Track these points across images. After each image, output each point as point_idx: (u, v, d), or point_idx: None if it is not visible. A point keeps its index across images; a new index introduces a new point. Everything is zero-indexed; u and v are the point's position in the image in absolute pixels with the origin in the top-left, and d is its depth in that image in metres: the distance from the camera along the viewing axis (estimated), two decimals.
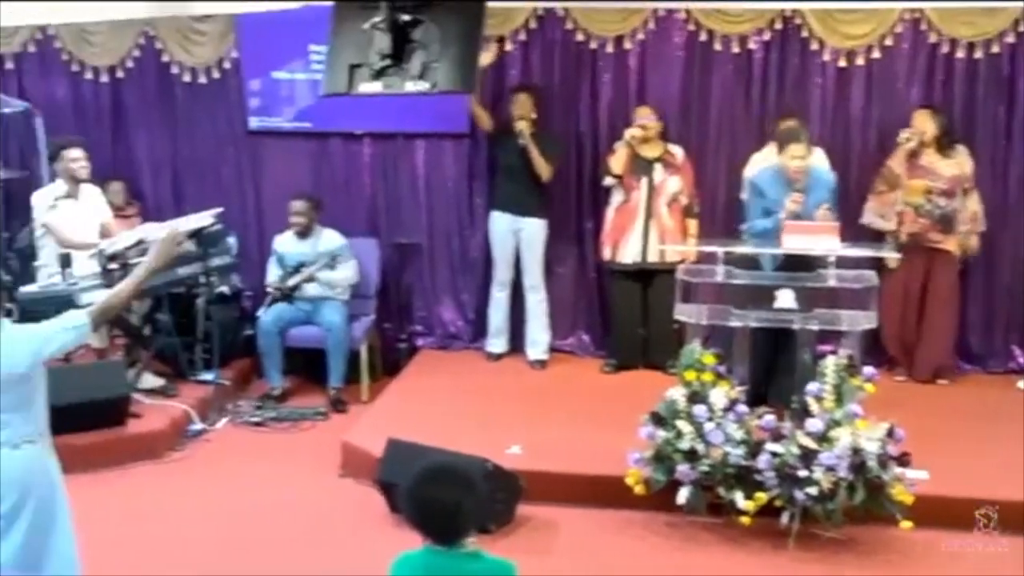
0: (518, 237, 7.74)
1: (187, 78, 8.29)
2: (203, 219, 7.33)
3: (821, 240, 5.92)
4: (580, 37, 7.74)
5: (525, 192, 7.64)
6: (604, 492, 5.75)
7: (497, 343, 7.97)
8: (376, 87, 5.90)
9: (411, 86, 5.83)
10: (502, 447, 6.04)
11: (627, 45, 7.70)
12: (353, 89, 5.96)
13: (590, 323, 8.10)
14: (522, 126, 7.49)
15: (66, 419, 5.62)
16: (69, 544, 4.21)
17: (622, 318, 7.64)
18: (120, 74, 8.37)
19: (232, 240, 8.08)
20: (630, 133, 7.32)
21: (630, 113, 7.61)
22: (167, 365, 7.59)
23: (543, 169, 7.56)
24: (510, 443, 6.15)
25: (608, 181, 7.45)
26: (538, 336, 7.85)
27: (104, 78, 8.38)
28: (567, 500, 5.82)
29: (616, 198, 7.48)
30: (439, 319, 8.28)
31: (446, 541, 3.23)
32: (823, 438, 5.35)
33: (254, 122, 8.25)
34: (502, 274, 7.85)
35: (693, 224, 7.48)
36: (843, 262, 5.88)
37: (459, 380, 7.53)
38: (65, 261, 6.68)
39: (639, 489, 5.58)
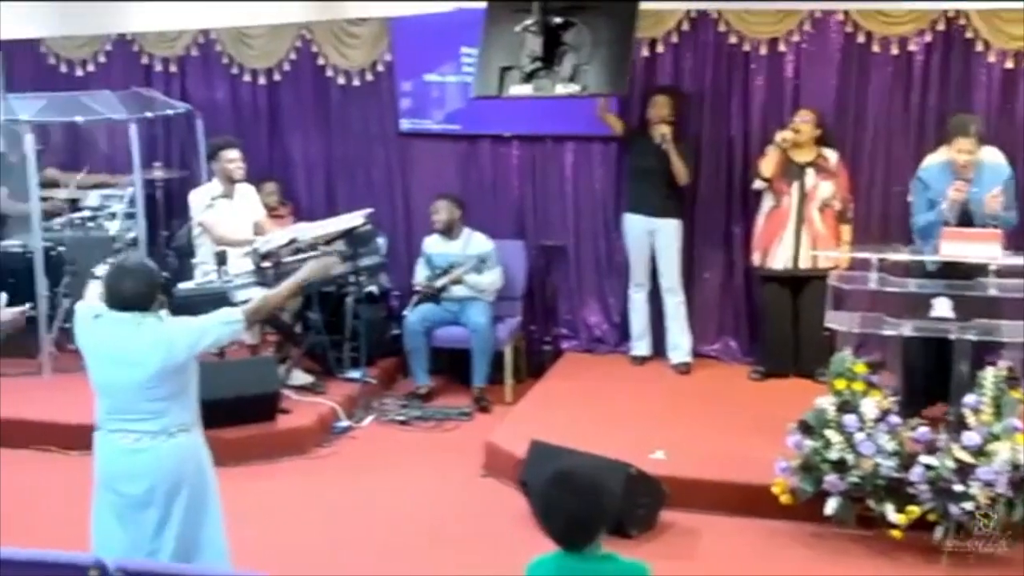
0: (653, 239, 7.69)
1: (341, 80, 8.45)
2: (354, 219, 7.46)
3: (981, 247, 5.72)
4: (733, 40, 7.64)
5: (660, 194, 7.59)
6: (749, 500, 5.67)
7: (640, 346, 7.93)
8: (526, 90, 5.93)
9: (561, 89, 5.84)
10: (646, 452, 6.00)
11: (781, 47, 7.57)
12: (503, 92, 5.99)
13: (737, 329, 7.98)
14: (664, 130, 7.45)
15: (219, 413, 5.83)
16: (220, 533, 4.33)
17: (771, 324, 7.51)
18: (277, 77, 8.58)
19: (381, 240, 8.20)
20: (781, 136, 7.19)
21: (783, 117, 7.49)
22: (316, 362, 7.74)
23: (682, 173, 7.51)
24: (654, 448, 6.10)
25: (758, 185, 7.33)
26: (679, 339, 7.78)
27: (261, 80, 8.60)
28: (710, 507, 5.75)
29: (767, 203, 7.36)
30: (584, 322, 8.26)
31: (571, 545, 3.22)
32: (980, 452, 5.17)
33: (405, 124, 8.36)
34: (638, 276, 7.82)
35: (846, 230, 7.30)
36: (1008, 271, 5.66)
37: (603, 383, 7.50)
38: (221, 259, 6.86)
39: (785, 499, 5.47)
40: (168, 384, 4.12)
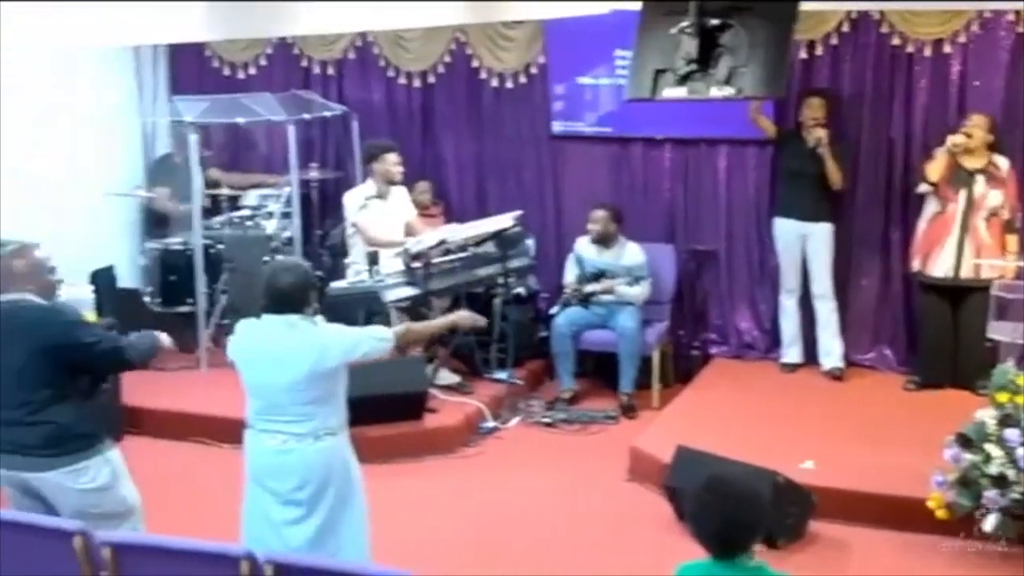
0: (804, 243, 7.56)
1: (494, 83, 8.51)
2: (503, 221, 7.49)
3: None
4: (896, 41, 7.45)
5: (812, 197, 7.48)
6: (902, 514, 5.53)
7: (791, 353, 7.81)
8: (680, 92, 5.86)
9: (716, 92, 5.75)
10: (794, 461, 5.91)
11: (947, 49, 7.36)
12: (657, 94, 5.94)
13: (893, 337, 7.78)
14: (820, 134, 7.32)
15: (367, 410, 5.95)
16: (362, 530, 4.41)
17: (929, 333, 7.30)
18: (431, 79, 8.69)
19: (530, 242, 8.21)
20: (952, 140, 6.96)
21: (947, 120, 7.28)
22: (463, 363, 7.82)
23: (836, 177, 7.37)
24: (803, 457, 6.01)
25: (923, 188, 7.12)
26: (830, 345, 7.63)
27: (416, 83, 8.72)
28: (861, 519, 5.63)
29: (930, 208, 7.15)
30: (734, 328, 8.18)
31: (725, 554, 3.18)
32: None
33: (557, 126, 8.39)
34: (789, 281, 7.70)
35: (1013, 240, 7.03)
36: None
37: (752, 390, 7.41)
38: (372, 259, 6.96)
39: (941, 513, 5.31)
40: (317, 388, 4.21)
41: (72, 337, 4.32)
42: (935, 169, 7.00)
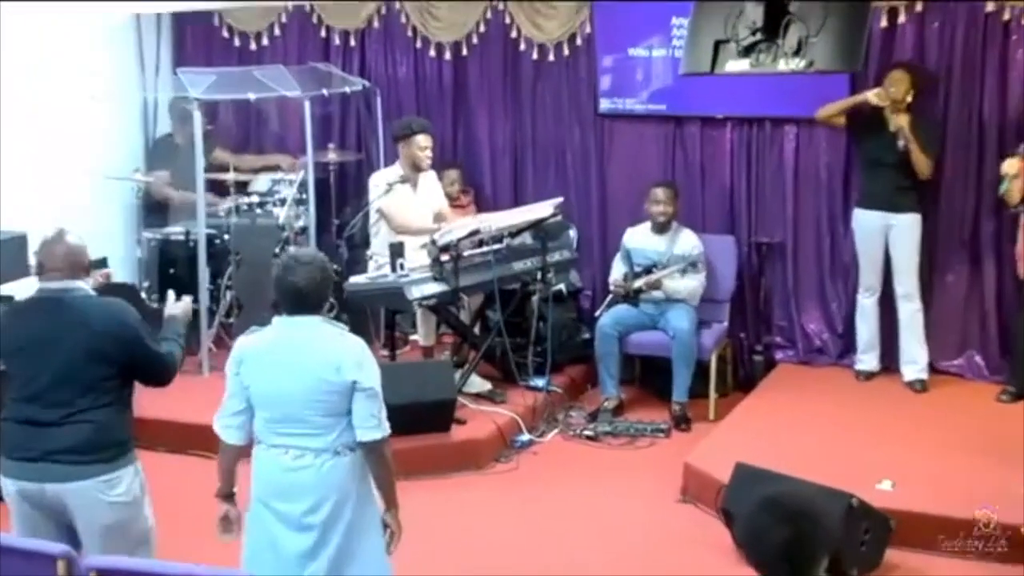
0: (887, 236, 7.47)
1: (535, 55, 8.47)
2: (543, 209, 7.47)
3: None
4: (990, 7, 7.32)
5: (896, 185, 7.38)
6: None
7: (867, 359, 7.73)
8: (743, 66, 5.81)
9: (784, 64, 5.70)
10: (870, 481, 5.84)
11: None
12: (717, 68, 5.89)
13: (984, 341, 7.68)
14: (902, 123, 7.21)
15: (388, 421, 5.85)
16: (380, 556, 4.35)
17: None
18: (464, 51, 8.66)
19: (572, 233, 8.22)
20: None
21: None
22: (496, 368, 7.77)
23: (924, 165, 7.29)
24: (880, 477, 5.95)
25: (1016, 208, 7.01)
26: (914, 353, 7.53)
27: (447, 55, 8.70)
28: (945, 548, 5.52)
29: None
30: (802, 330, 8.11)
31: None
32: None
33: (605, 103, 8.34)
34: (869, 279, 7.62)
35: None
36: None
37: (822, 401, 7.35)
38: (396, 251, 6.95)
39: None
40: (338, 400, 4.15)
41: (135, 336, 4.34)
42: (1017, 190, 6.88)
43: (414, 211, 7.55)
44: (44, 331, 4.31)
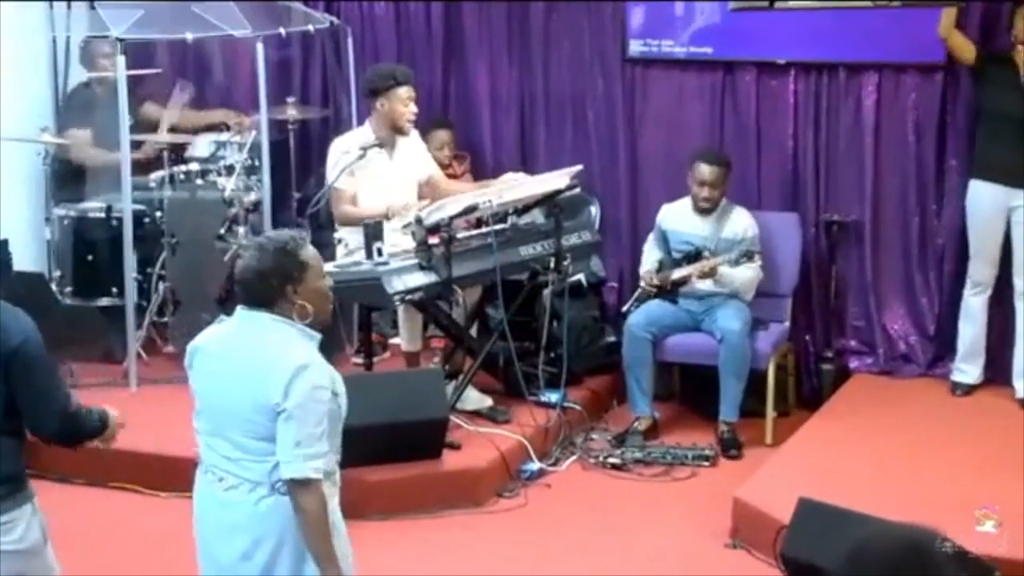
0: (1010, 218, 7.53)
1: None
2: (557, 180, 7.50)
3: None
4: None
5: None
6: None
7: (968, 369, 7.80)
8: None
9: None
10: (971, 522, 5.85)
11: None
12: (778, 1, 5.93)
13: None
14: None
15: (363, 446, 5.92)
16: None
17: None
18: None
19: (594, 210, 8.25)
20: None
21: None
22: (498, 380, 7.84)
23: None
24: (981, 517, 5.94)
25: None
26: None
27: None
28: None
29: None
30: (884, 332, 8.17)
31: None
32: None
33: (635, 46, 8.40)
34: (981, 271, 7.68)
35: None
36: None
37: (908, 420, 7.40)
38: (373, 233, 6.96)
39: None
40: (267, 425, 4.11)
41: (29, 357, 4.30)
42: None
43: (390, 187, 7.59)
44: None
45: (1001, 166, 7.48)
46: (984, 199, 7.57)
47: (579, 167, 7.62)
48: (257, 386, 4.09)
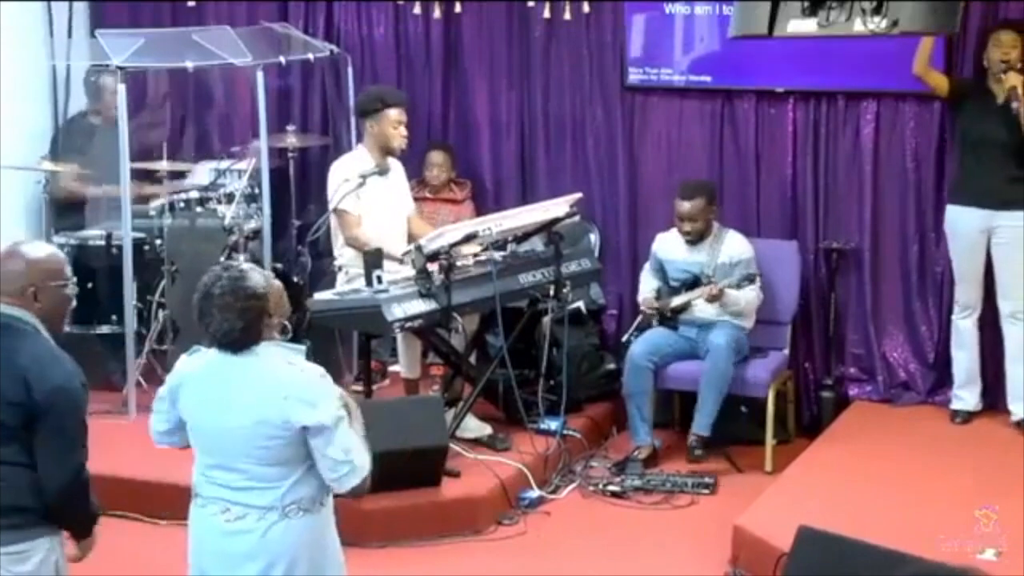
0: (990, 240, 7.55)
1: (546, 13, 8.55)
2: (557, 207, 7.51)
3: None
4: None
5: (1005, 176, 7.45)
6: None
7: (965, 396, 7.80)
8: (809, 27, 5.86)
9: (861, 25, 5.76)
10: (971, 550, 5.83)
11: None
12: (777, 29, 5.94)
13: None
14: (1015, 82, 7.27)
15: None
16: None
17: None
18: (457, 7, 8.75)
19: (594, 237, 8.27)
20: None
21: None
22: (497, 407, 7.85)
23: None
24: (981, 545, 5.92)
25: None
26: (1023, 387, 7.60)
27: (436, 13, 8.77)
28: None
29: None
30: (883, 359, 8.16)
31: None
32: None
33: (634, 74, 8.42)
34: (966, 293, 7.71)
35: None
36: None
37: (908, 448, 7.39)
38: (373, 261, 6.97)
39: None
40: (287, 447, 4.21)
41: (51, 405, 4.31)
42: None
43: (385, 212, 7.63)
44: None
45: (979, 189, 7.53)
46: (961, 223, 7.62)
47: (578, 195, 7.65)
48: (270, 411, 4.16)
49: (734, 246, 7.72)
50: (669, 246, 7.85)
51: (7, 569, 4.30)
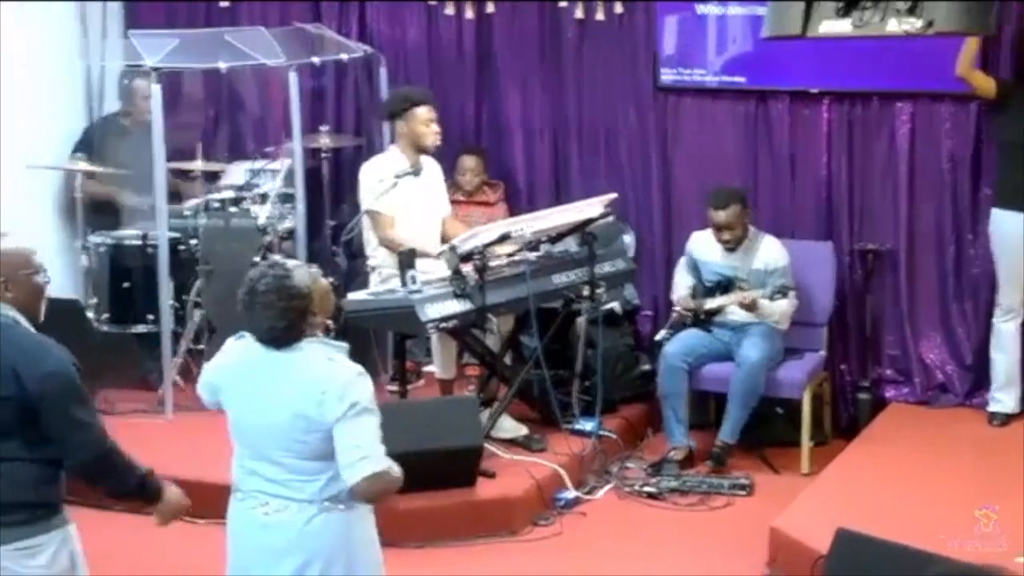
0: None
1: (578, 13, 8.56)
2: (591, 208, 7.50)
3: None
4: None
5: None
6: None
7: (1004, 399, 7.77)
8: (843, 27, 5.86)
9: (896, 25, 5.74)
10: (1007, 553, 5.78)
11: None
12: (811, 29, 5.94)
13: None
14: None
15: None
16: None
17: None
18: (490, 7, 8.75)
19: (628, 238, 8.25)
20: None
21: None
22: (532, 408, 7.84)
23: None
24: (1019, 548, 5.87)
25: None
26: None
27: (468, 13, 8.80)
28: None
29: None
30: (920, 361, 8.15)
31: None
32: None
33: (667, 75, 8.42)
34: (1010, 297, 7.67)
35: None
36: None
37: (946, 450, 7.37)
38: (407, 261, 6.97)
39: None
40: (326, 441, 4.21)
41: (47, 393, 4.33)
42: None
43: (419, 212, 7.64)
44: None
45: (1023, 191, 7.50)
46: (1007, 226, 7.59)
47: (612, 195, 7.64)
48: (308, 405, 4.18)
49: (770, 253, 7.70)
50: (704, 247, 7.83)
51: (18, 564, 4.30)
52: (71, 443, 4.39)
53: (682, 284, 7.87)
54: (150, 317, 8.16)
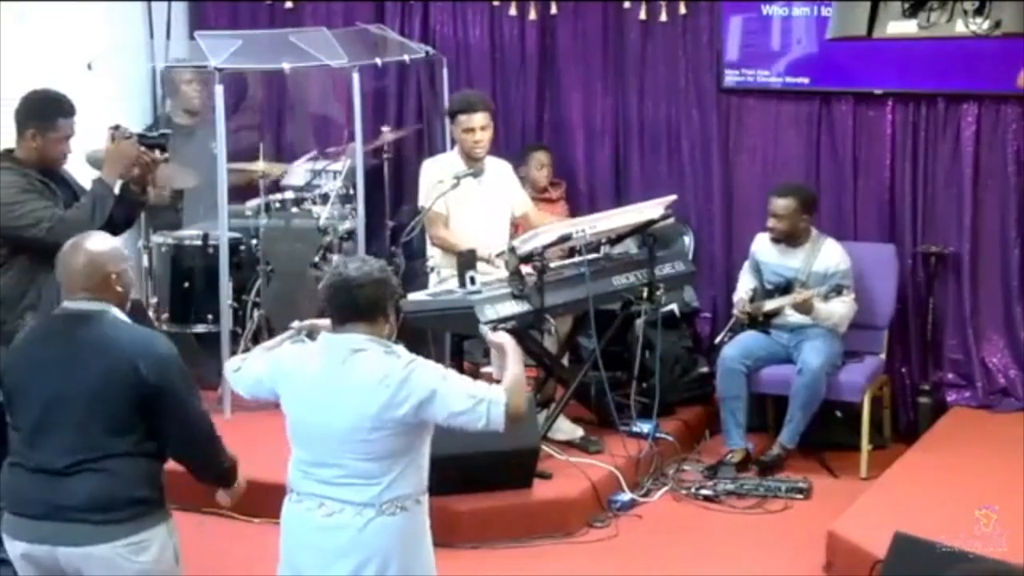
0: None
1: (642, 15, 8.57)
2: (651, 210, 7.49)
3: None
4: None
5: None
6: None
7: None
8: (909, 28, 5.84)
9: (963, 26, 5.70)
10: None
11: None
12: (876, 30, 5.91)
13: None
14: None
15: (452, 475, 5.98)
16: None
17: None
18: (553, 9, 8.78)
19: (688, 240, 8.22)
20: None
21: None
22: (589, 410, 7.85)
23: None
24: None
25: None
26: None
27: (531, 15, 8.81)
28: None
29: None
30: (983, 365, 8.10)
31: None
32: None
33: (731, 76, 8.43)
34: None
35: None
36: None
37: (1007, 455, 7.24)
38: (466, 262, 6.99)
39: None
40: (388, 440, 4.23)
41: (167, 380, 4.44)
42: None
43: (478, 212, 7.64)
44: (55, 361, 4.44)
45: None
46: None
47: (673, 196, 7.63)
48: (371, 403, 4.20)
49: (831, 256, 7.66)
50: (765, 247, 7.83)
51: (129, 559, 4.38)
52: (187, 426, 4.55)
53: (743, 286, 7.86)
54: (210, 317, 8.22)
